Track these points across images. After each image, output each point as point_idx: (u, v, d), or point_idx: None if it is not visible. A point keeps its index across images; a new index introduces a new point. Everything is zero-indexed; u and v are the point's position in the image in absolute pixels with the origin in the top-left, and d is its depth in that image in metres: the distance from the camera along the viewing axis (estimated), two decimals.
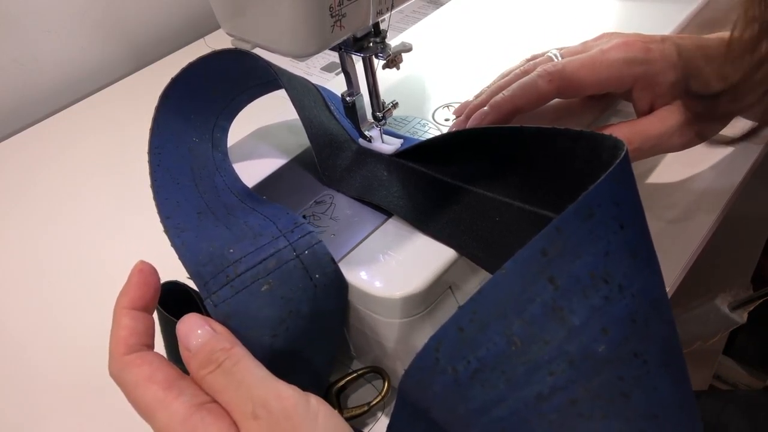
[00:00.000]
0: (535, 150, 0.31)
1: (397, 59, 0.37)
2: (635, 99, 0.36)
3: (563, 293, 0.21)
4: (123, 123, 0.69)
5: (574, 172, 0.30)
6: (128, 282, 0.28)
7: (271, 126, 0.45)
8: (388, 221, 0.35)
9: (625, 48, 0.34)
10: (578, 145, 0.29)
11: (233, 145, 0.43)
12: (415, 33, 0.54)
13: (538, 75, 0.35)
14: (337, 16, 0.30)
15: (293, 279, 0.29)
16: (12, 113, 0.74)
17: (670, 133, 0.35)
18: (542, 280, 0.21)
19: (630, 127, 0.35)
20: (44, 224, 0.58)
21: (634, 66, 0.34)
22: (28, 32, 0.73)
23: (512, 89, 0.35)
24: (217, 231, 0.31)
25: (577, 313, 0.21)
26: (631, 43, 0.35)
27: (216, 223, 0.32)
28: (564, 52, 0.37)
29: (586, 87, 0.35)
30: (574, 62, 0.35)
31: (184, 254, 0.30)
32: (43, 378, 0.44)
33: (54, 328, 0.47)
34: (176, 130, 0.37)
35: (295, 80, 0.40)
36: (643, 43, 0.34)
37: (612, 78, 0.34)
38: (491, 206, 0.33)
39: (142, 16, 0.82)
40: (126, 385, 0.25)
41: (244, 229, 0.31)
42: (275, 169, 0.40)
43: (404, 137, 0.39)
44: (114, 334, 0.27)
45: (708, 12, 0.52)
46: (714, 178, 0.49)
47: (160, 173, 0.34)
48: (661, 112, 0.35)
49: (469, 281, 0.35)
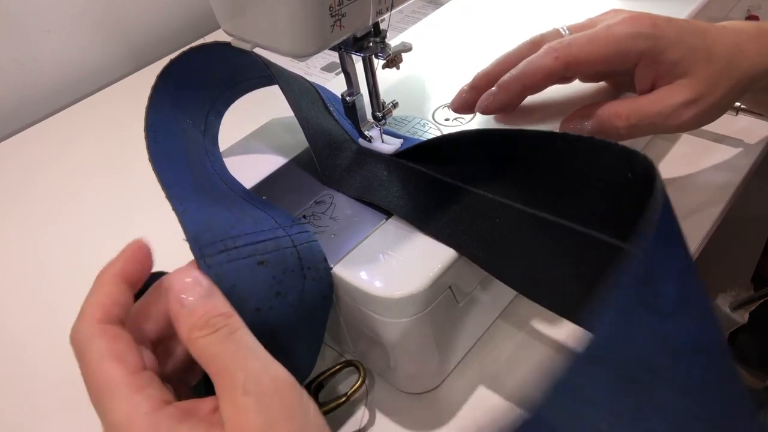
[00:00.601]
0: (535, 152, 0.31)
1: (397, 59, 0.37)
2: (638, 76, 0.35)
3: (669, 321, 0.21)
4: (123, 123, 0.69)
5: (574, 174, 0.30)
6: (122, 254, 0.26)
7: (271, 125, 0.45)
8: (388, 221, 0.35)
9: (631, 22, 0.34)
10: (577, 147, 0.29)
11: (233, 144, 0.43)
12: (415, 33, 0.54)
13: (545, 53, 0.35)
14: (337, 15, 0.30)
15: (287, 264, 0.30)
16: (12, 113, 0.74)
17: (667, 113, 0.34)
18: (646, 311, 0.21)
19: (629, 104, 0.35)
20: (44, 224, 0.58)
21: (640, 40, 0.34)
22: (28, 32, 0.73)
23: (520, 68, 0.35)
24: (218, 209, 0.31)
25: (684, 341, 0.21)
26: (637, 17, 0.34)
27: (215, 203, 0.32)
28: (572, 27, 0.37)
29: (593, 63, 0.35)
30: (580, 39, 0.35)
31: (185, 219, 0.29)
32: (43, 378, 0.43)
33: (54, 328, 0.47)
34: (171, 113, 0.36)
35: (293, 81, 0.40)
36: (650, 18, 0.34)
37: (619, 52, 0.34)
38: (491, 207, 0.33)
39: (142, 16, 0.82)
40: (88, 353, 0.22)
41: (243, 214, 0.31)
42: (275, 169, 0.40)
43: (404, 137, 0.39)
44: (93, 297, 0.24)
45: (708, 12, 0.52)
46: (714, 178, 0.49)
47: (157, 150, 0.34)
48: (661, 91, 0.35)
49: (469, 281, 0.35)
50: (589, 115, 0.36)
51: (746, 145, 0.51)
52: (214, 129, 0.39)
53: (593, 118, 0.35)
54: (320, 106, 0.41)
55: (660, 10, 0.50)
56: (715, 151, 0.52)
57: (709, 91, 0.35)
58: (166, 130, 0.35)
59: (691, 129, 0.36)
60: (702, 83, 0.34)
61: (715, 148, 0.52)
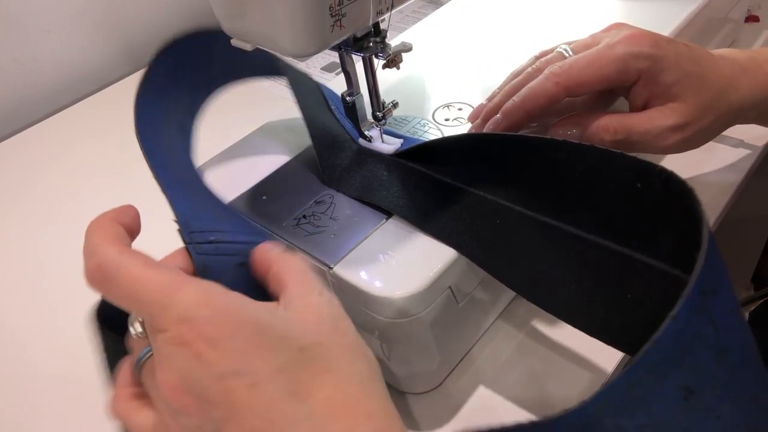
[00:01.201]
0: (533, 157, 0.31)
1: (397, 59, 0.37)
2: (633, 93, 0.36)
3: (723, 332, 0.21)
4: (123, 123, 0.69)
5: (577, 180, 0.30)
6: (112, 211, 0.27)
7: (271, 125, 0.45)
8: (388, 221, 0.35)
9: (632, 41, 0.34)
10: (581, 154, 0.29)
11: (234, 144, 0.43)
12: (415, 33, 0.54)
13: (546, 78, 0.35)
14: (337, 15, 0.30)
15: None
16: (12, 113, 0.74)
17: (654, 133, 0.35)
18: (706, 322, 0.21)
19: (619, 119, 0.35)
20: (44, 224, 0.58)
21: (640, 59, 0.34)
22: (28, 32, 0.73)
23: (522, 95, 0.36)
24: (205, 201, 0.31)
25: (736, 352, 0.22)
26: (639, 36, 0.35)
27: (203, 196, 0.32)
28: (574, 47, 0.38)
29: (594, 84, 0.35)
30: (581, 61, 0.35)
31: (176, 202, 0.29)
32: (43, 378, 0.43)
33: (54, 328, 0.47)
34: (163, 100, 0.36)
35: (300, 77, 0.40)
36: (651, 37, 0.35)
37: (620, 72, 0.35)
38: (491, 208, 0.33)
39: (141, 16, 0.82)
40: (124, 270, 0.22)
41: (226, 213, 0.31)
42: (275, 168, 0.40)
43: (404, 137, 0.39)
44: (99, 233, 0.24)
45: (708, 12, 0.52)
46: (714, 178, 0.49)
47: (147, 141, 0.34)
48: (651, 111, 0.35)
49: (469, 281, 0.35)
50: (579, 123, 0.36)
51: (746, 145, 0.52)
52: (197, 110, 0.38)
53: (582, 127, 0.36)
54: (323, 105, 0.41)
55: (660, 10, 0.50)
56: (715, 151, 0.52)
57: (698, 118, 0.35)
58: (156, 123, 0.35)
59: (675, 152, 0.37)
60: (691, 110, 0.35)
61: (715, 148, 0.52)
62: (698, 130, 0.36)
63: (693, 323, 0.21)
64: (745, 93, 0.36)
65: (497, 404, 0.37)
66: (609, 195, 0.29)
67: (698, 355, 0.21)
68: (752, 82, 0.37)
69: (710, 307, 0.21)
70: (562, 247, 0.30)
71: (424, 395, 0.38)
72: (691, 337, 0.21)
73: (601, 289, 0.29)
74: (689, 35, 0.50)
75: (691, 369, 0.21)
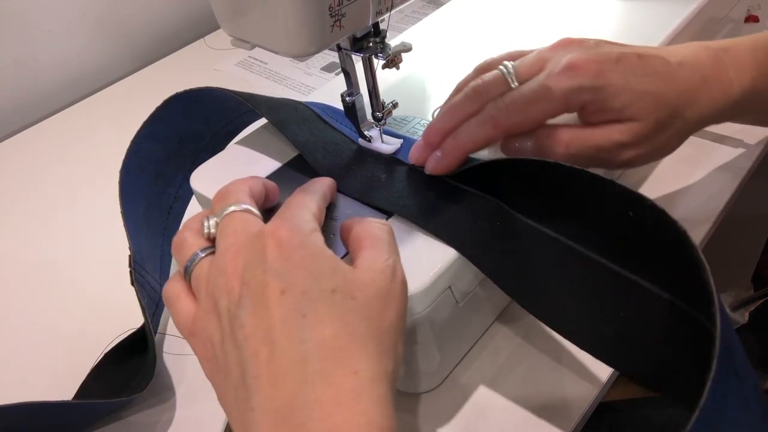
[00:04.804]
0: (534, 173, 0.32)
1: (397, 59, 0.37)
2: (583, 118, 0.35)
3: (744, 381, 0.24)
4: (123, 123, 0.69)
5: (574, 198, 0.30)
6: None
7: (270, 126, 0.45)
8: (388, 221, 0.35)
9: (572, 74, 0.33)
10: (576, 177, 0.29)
11: (234, 144, 0.43)
12: (415, 33, 0.54)
13: (483, 121, 0.34)
14: (336, 16, 0.30)
15: None
16: (12, 113, 0.74)
17: (608, 149, 0.34)
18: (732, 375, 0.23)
19: (572, 132, 0.34)
20: (44, 224, 0.58)
21: (582, 93, 0.33)
22: (28, 32, 0.73)
23: (461, 137, 0.35)
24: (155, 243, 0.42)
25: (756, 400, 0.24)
26: (581, 66, 0.33)
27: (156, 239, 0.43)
28: (518, 68, 0.35)
29: (535, 124, 0.34)
30: (519, 101, 0.34)
31: (130, 231, 0.40)
32: (43, 378, 0.44)
33: (53, 328, 0.47)
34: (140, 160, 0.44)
35: (278, 108, 0.42)
36: (595, 64, 0.33)
37: (560, 109, 0.34)
38: (491, 209, 0.33)
39: (142, 16, 0.82)
40: (312, 240, 0.27)
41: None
42: (275, 168, 0.40)
43: (404, 137, 0.39)
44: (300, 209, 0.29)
45: (708, 12, 0.52)
46: (714, 178, 0.49)
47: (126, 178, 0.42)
48: (606, 127, 0.34)
49: (469, 281, 0.35)
50: (532, 135, 0.35)
51: (746, 146, 0.51)
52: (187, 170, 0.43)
53: (535, 139, 0.34)
54: (314, 122, 0.41)
55: (660, 10, 0.50)
56: (715, 151, 0.52)
57: (653, 135, 0.34)
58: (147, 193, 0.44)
59: (634, 167, 0.36)
60: (646, 128, 0.33)
61: (715, 148, 0.52)
62: (655, 146, 0.35)
63: (725, 378, 0.22)
64: (703, 107, 0.35)
65: (497, 404, 0.37)
66: (603, 217, 0.29)
67: (731, 406, 0.23)
68: (712, 94, 0.35)
69: (734, 360, 0.23)
70: (560, 258, 0.31)
71: (424, 395, 0.38)
72: (726, 392, 0.23)
73: (594, 301, 0.30)
74: (689, 35, 0.50)
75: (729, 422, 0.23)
